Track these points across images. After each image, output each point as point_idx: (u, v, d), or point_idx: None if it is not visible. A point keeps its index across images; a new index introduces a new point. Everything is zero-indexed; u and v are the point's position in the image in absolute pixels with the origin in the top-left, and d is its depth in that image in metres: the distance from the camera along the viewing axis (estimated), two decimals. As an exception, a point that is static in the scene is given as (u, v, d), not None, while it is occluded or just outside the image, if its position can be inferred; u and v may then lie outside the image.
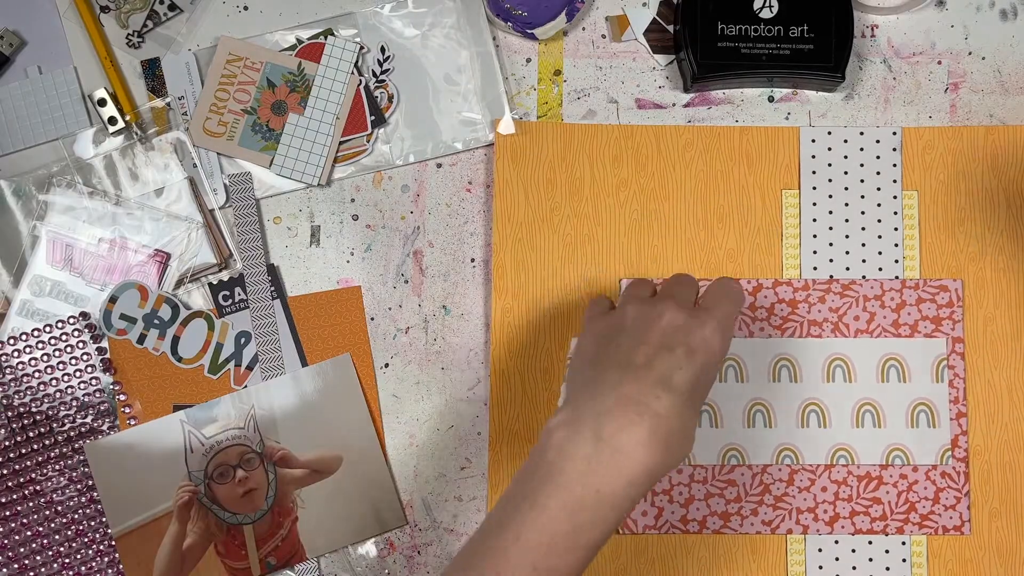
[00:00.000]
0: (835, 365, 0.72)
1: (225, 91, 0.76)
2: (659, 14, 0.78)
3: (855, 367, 0.72)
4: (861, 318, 0.73)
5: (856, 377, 0.72)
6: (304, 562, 0.72)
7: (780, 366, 0.72)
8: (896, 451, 0.72)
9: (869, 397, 0.72)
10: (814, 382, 0.72)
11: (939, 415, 0.72)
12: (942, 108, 0.77)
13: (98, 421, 0.73)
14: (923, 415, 0.72)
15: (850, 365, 0.72)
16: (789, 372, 0.72)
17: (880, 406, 0.72)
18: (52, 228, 0.75)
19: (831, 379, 0.72)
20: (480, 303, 0.75)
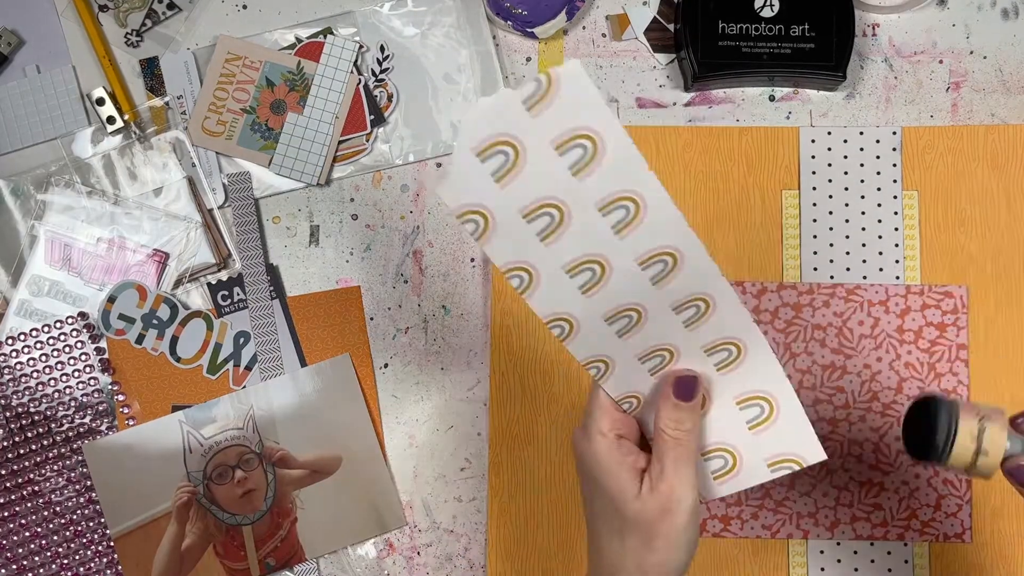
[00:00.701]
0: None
1: (224, 90, 0.76)
2: (659, 13, 0.78)
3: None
4: (865, 323, 0.73)
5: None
6: (303, 563, 0.72)
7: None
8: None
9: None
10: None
11: None
12: (943, 107, 0.76)
13: (96, 421, 0.73)
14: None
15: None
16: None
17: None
18: (50, 228, 0.75)
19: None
20: (480, 303, 0.75)
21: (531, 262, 0.47)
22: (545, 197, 0.45)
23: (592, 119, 0.42)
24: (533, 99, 0.42)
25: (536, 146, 0.43)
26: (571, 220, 0.45)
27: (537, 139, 0.43)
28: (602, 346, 0.51)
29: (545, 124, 0.42)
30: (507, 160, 0.43)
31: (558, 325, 0.49)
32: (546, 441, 0.73)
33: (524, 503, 0.72)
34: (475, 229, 0.45)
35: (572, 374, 0.73)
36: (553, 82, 0.41)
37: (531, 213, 0.45)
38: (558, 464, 0.73)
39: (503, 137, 0.43)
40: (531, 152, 0.43)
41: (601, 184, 0.44)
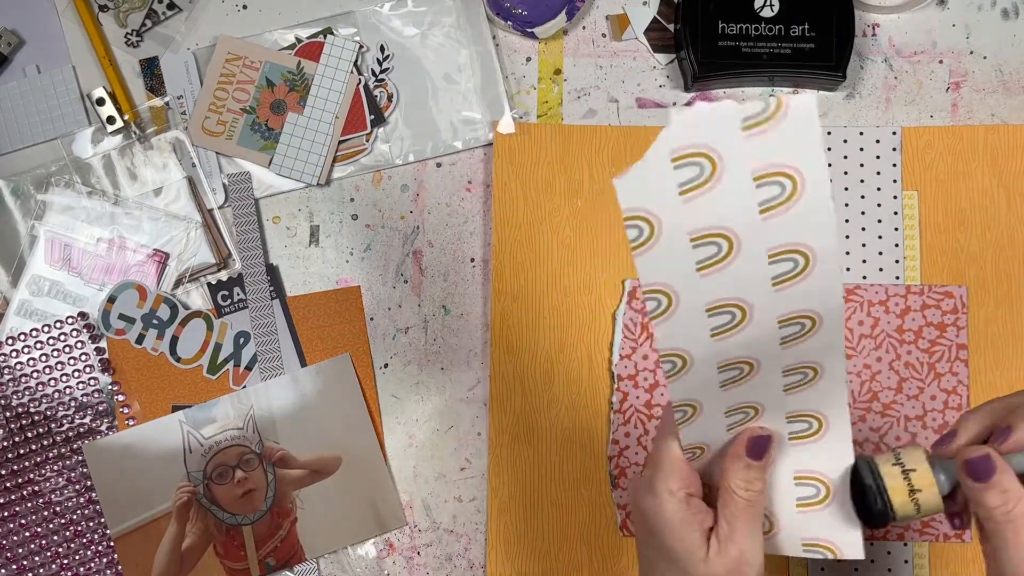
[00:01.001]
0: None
1: (224, 90, 0.76)
2: (659, 13, 0.78)
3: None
4: (865, 323, 0.73)
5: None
6: (303, 563, 0.72)
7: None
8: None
9: None
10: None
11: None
12: (943, 107, 0.76)
13: (96, 421, 0.73)
14: None
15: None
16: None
17: None
18: (50, 228, 0.75)
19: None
20: (480, 303, 0.75)
21: (677, 289, 0.43)
22: (722, 227, 0.42)
23: (804, 160, 0.40)
24: (755, 119, 0.39)
25: (736, 170, 0.40)
26: (737, 258, 0.43)
27: (740, 163, 0.40)
28: (702, 392, 0.48)
29: (755, 149, 0.40)
30: (700, 174, 0.40)
31: (671, 361, 0.46)
32: (546, 441, 0.73)
33: (524, 503, 0.72)
34: (637, 236, 0.41)
35: (572, 374, 0.73)
36: (781, 108, 0.39)
37: (701, 238, 0.42)
38: (558, 464, 0.73)
39: (706, 149, 0.40)
40: (728, 174, 0.40)
41: (783, 230, 0.42)
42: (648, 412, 0.73)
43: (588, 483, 0.72)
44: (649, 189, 0.40)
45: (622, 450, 0.73)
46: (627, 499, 0.55)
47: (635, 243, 0.41)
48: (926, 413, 0.72)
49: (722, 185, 0.40)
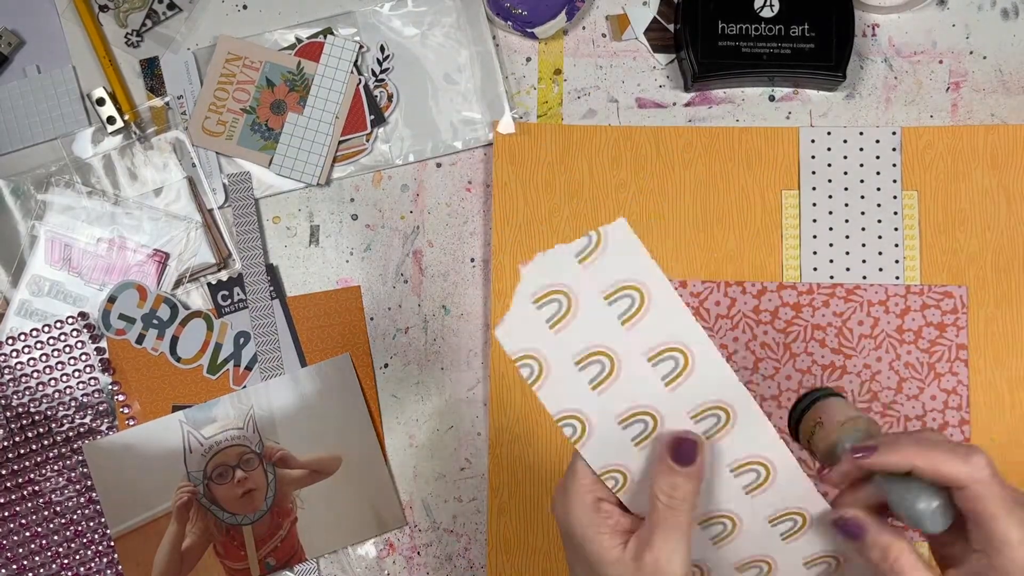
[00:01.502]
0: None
1: (224, 90, 0.76)
2: (659, 13, 0.78)
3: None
4: (865, 323, 0.73)
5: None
6: (303, 563, 0.72)
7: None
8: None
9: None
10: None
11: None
12: (943, 107, 0.76)
13: (97, 421, 0.73)
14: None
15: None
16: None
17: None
18: (51, 228, 0.75)
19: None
20: (480, 303, 0.75)
21: (584, 411, 0.48)
22: (596, 344, 0.47)
23: (638, 271, 0.46)
24: (584, 253, 0.46)
25: (587, 296, 0.46)
26: (621, 369, 0.48)
27: (588, 289, 0.46)
28: (646, 489, 0.51)
29: (595, 275, 0.46)
30: (560, 308, 0.46)
31: (612, 477, 0.50)
32: (546, 441, 0.73)
33: (524, 503, 0.72)
34: (530, 374, 0.47)
35: (572, 374, 0.73)
36: (602, 238, 0.45)
37: (583, 360, 0.47)
38: (558, 464, 0.73)
39: (557, 286, 0.46)
40: (583, 301, 0.46)
41: (649, 334, 0.47)
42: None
43: (588, 483, 0.72)
44: (525, 331, 0.47)
45: (622, 450, 0.73)
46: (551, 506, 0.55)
47: (530, 381, 0.47)
48: (926, 413, 0.72)
49: (582, 311, 0.46)
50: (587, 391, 0.48)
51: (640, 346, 0.48)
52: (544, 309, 0.47)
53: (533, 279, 0.46)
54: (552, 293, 0.46)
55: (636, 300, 0.47)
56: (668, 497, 0.48)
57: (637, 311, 0.47)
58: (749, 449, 0.51)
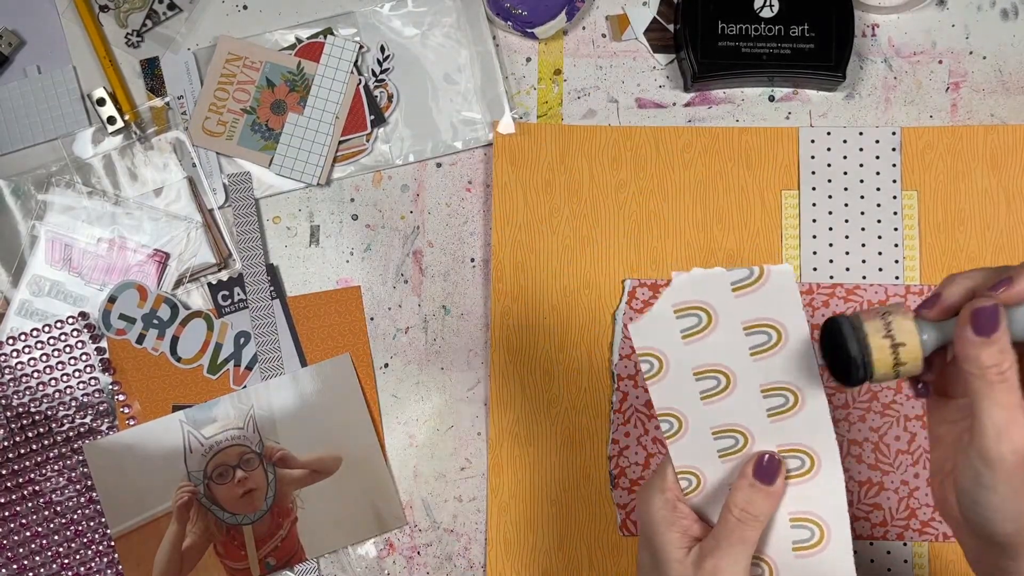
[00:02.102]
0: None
1: (224, 90, 0.76)
2: (659, 13, 0.78)
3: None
4: (861, 321, 0.73)
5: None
6: (303, 563, 0.72)
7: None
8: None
9: None
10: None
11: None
12: (943, 108, 0.76)
13: (97, 421, 0.73)
14: None
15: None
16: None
17: None
18: (51, 228, 0.75)
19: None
20: (480, 303, 0.75)
21: (686, 413, 0.51)
22: (720, 364, 0.50)
23: (786, 316, 0.48)
24: (742, 283, 0.48)
25: (728, 321, 0.49)
26: (735, 390, 0.50)
27: (731, 316, 0.49)
28: (717, 501, 0.52)
29: (743, 306, 0.48)
30: (699, 323, 0.49)
31: (687, 478, 0.52)
32: (546, 441, 0.73)
33: (524, 503, 0.72)
34: (649, 369, 0.50)
35: (572, 374, 0.73)
36: (764, 276, 0.48)
37: (702, 372, 0.50)
38: (558, 464, 0.73)
39: (703, 304, 0.49)
40: (722, 324, 0.49)
41: (772, 369, 0.49)
42: (648, 412, 0.73)
43: (588, 483, 0.72)
44: (657, 333, 0.50)
45: (622, 450, 0.73)
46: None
47: (648, 375, 0.50)
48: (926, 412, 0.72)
49: (717, 332, 0.49)
50: (695, 398, 0.50)
51: (760, 377, 0.50)
52: (683, 320, 0.49)
53: (682, 290, 0.49)
54: (696, 308, 0.49)
55: (772, 338, 0.49)
56: (741, 511, 0.49)
57: (770, 348, 0.49)
58: (812, 506, 0.52)
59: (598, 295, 0.74)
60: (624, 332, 0.73)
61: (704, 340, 0.49)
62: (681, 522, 0.51)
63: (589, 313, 0.74)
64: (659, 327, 0.49)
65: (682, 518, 0.51)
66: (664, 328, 0.49)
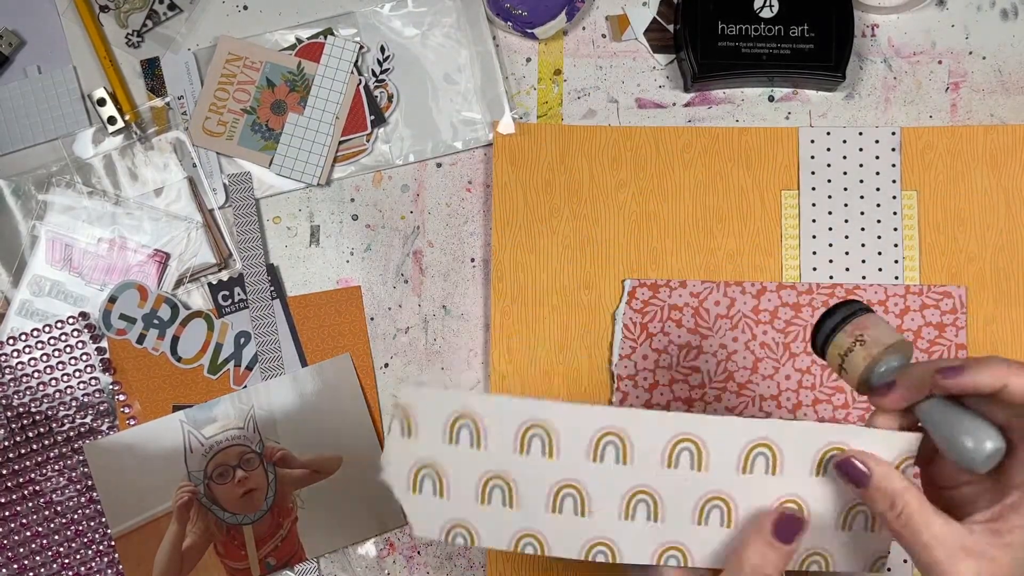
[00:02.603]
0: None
1: (224, 91, 0.76)
2: (659, 13, 0.78)
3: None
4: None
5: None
6: (304, 562, 0.72)
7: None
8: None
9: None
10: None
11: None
12: (943, 108, 0.76)
13: (97, 421, 0.73)
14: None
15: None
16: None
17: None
18: (51, 228, 0.75)
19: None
20: (480, 303, 0.75)
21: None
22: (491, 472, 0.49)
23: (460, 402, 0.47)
24: (401, 432, 0.47)
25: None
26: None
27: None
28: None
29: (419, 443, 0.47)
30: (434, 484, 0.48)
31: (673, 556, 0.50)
32: (546, 441, 0.73)
33: (524, 503, 0.72)
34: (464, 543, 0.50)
35: (572, 374, 0.73)
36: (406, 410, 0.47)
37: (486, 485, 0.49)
38: (558, 464, 0.73)
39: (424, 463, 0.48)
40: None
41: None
42: (648, 412, 0.73)
43: (588, 483, 0.72)
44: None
45: (622, 450, 0.73)
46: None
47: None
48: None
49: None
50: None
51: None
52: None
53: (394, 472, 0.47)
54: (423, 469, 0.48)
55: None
56: (754, 568, 0.46)
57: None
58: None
59: (598, 295, 0.74)
60: (624, 333, 0.73)
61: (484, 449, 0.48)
62: None
63: (589, 313, 0.74)
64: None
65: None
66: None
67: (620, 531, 0.49)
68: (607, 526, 0.49)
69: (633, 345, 0.73)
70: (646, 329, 0.73)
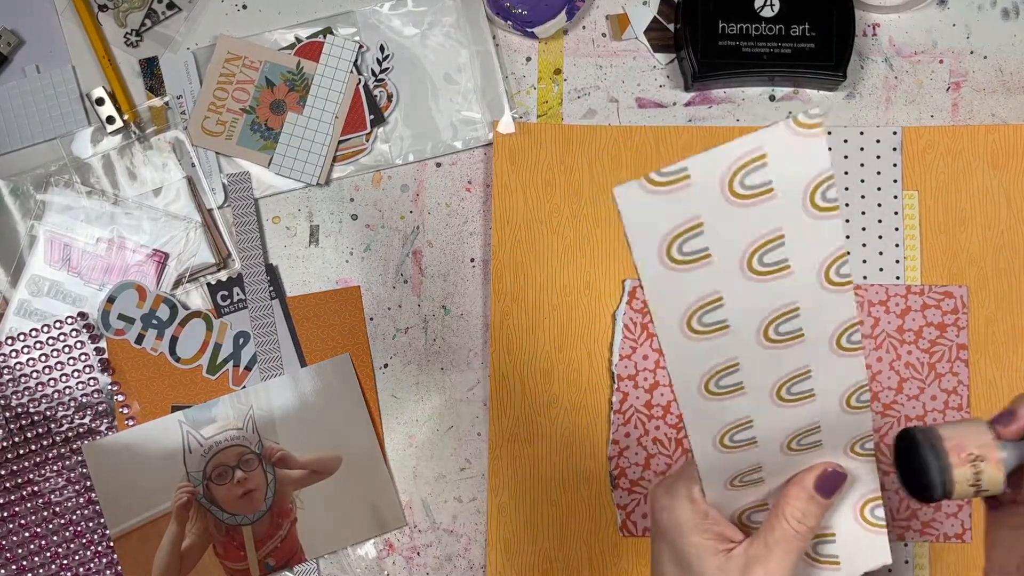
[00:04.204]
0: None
1: (224, 90, 0.76)
2: (660, 13, 0.78)
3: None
4: (865, 323, 0.73)
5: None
6: (303, 563, 0.72)
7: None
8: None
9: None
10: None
11: None
12: (944, 107, 0.76)
13: (96, 421, 0.73)
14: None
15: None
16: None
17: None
18: (50, 228, 0.75)
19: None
20: (480, 303, 0.75)
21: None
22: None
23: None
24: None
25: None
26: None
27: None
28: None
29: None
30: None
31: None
32: (546, 441, 0.73)
33: (524, 503, 0.72)
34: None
35: (572, 374, 0.73)
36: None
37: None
38: (558, 464, 0.73)
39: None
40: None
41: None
42: (648, 412, 0.73)
43: (588, 483, 0.72)
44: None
45: (622, 450, 0.72)
46: (649, 498, 0.54)
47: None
48: (926, 413, 0.72)
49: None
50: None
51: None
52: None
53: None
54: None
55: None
56: (798, 523, 0.48)
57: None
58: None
59: (598, 295, 0.74)
60: (624, 333, 0.73)
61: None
62: (714, 528, 0.49)
63: (589, 313, 0.74)
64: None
65: (714, 524, 0.49)
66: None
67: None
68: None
69: (633, 345, 0.73)
70: (647, 329, 0.73)
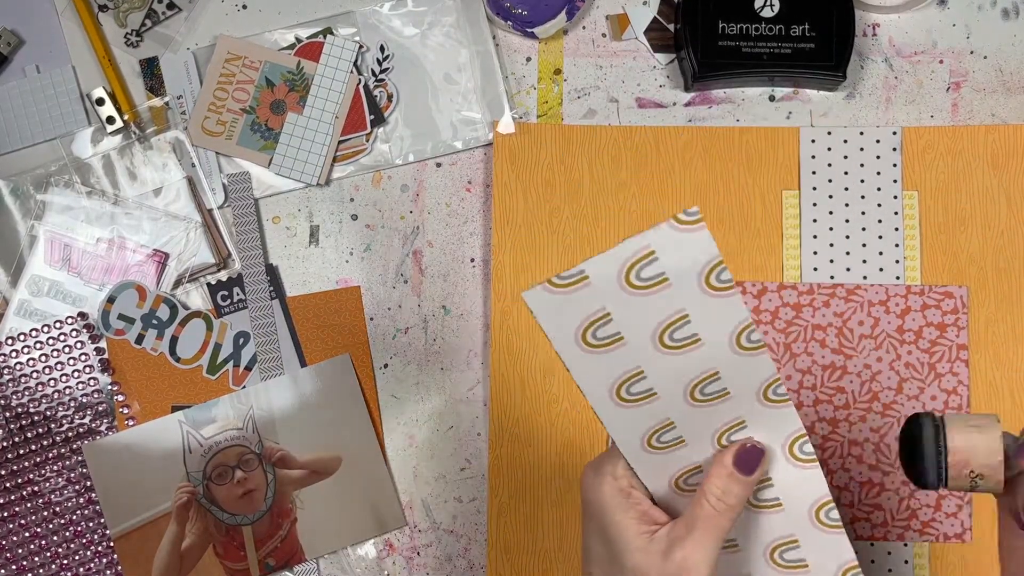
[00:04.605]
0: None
1: (224, 90, 0.76)
2: (660, 13, 0.78)
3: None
4: (865, 323, 0.73)
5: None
6: (303, 563, 0.72)
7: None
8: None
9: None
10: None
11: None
12: (944, 107, 0.76)
13: (96, 422, 0.73)
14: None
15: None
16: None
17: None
18: (50, 228, 0.75)
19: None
20: (480, 303, 0.75)
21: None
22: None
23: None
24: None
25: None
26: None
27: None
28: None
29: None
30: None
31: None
32: (546, 441, 0.73)
33: (524, 503, 0.72)
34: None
35: (572, 374, 0.73)
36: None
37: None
38: (558, 464, 0.73)
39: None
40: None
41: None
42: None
43: (588, 483, 0.72)
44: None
45: (622, 450, 0.72)
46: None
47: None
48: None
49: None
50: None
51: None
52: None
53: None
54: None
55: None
56: (718, 500, 0.47)
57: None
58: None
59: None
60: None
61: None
62: (637, 507, 0.49)
63: (589, 313, 0.74)
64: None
65: (637, 503, 0.49)
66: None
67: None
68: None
69: (633, 345, 0.73)
70: (646, 329, 0.73)
